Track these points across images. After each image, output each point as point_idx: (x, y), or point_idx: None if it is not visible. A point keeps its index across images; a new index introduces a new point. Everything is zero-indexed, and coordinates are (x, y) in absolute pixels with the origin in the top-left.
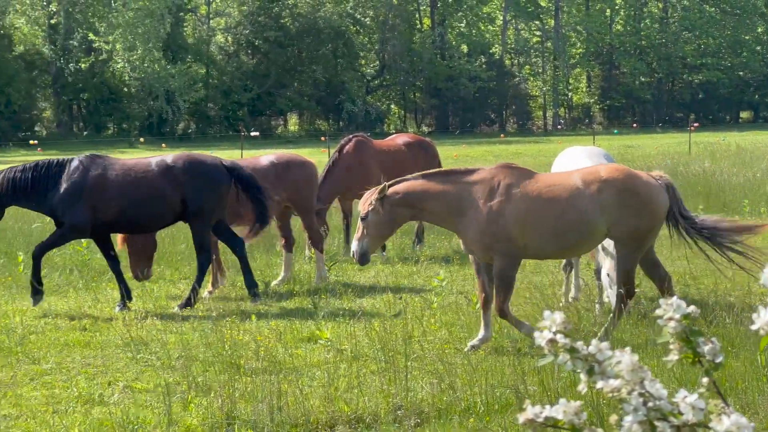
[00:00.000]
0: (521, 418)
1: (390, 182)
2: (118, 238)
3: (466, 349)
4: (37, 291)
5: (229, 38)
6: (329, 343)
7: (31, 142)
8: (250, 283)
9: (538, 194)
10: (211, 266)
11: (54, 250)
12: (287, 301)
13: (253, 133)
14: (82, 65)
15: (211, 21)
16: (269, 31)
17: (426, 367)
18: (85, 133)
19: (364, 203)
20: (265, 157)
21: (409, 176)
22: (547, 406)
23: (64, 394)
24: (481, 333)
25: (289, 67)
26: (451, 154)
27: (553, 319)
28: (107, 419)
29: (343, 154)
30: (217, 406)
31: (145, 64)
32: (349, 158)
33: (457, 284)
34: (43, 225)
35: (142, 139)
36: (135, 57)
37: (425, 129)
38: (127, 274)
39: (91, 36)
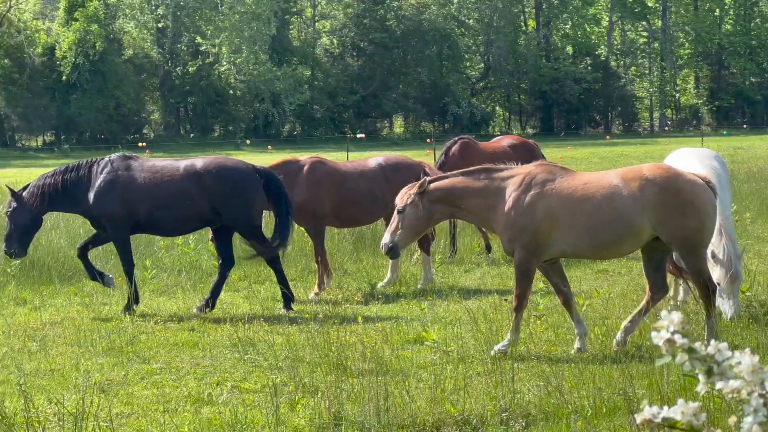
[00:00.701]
0: (638, 418)
1: (431, 179)
2: None
3: (572, 351)
4: (132, 306)
5: (335, 40)
6: (435, 344)
7: (140, 144)
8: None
9: (572, 190)
10: (317, 267)
11: (162, 252)
12: (394, 303)
13: (358, 135)
14: (189, 68)
15: (316, 23)
16: (374, 34)
17: (532, 369)
18: (191, 135)
19: (403, 196)
20: (373, 158)
21: (449, 173)
22: (665, 407)
23: (174, 393)
24: (577, 330)
25: (394, 70)
26: (556, 156)
27: (670, 320)
28: (216, 418)
29: (450, 156)
30: (324, 406)
31: (251, 67)
32: (456, 160)
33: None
34: None
35: (248, 141)
36: (241, 60)
37: (530, 131)
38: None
39: (198, 39)
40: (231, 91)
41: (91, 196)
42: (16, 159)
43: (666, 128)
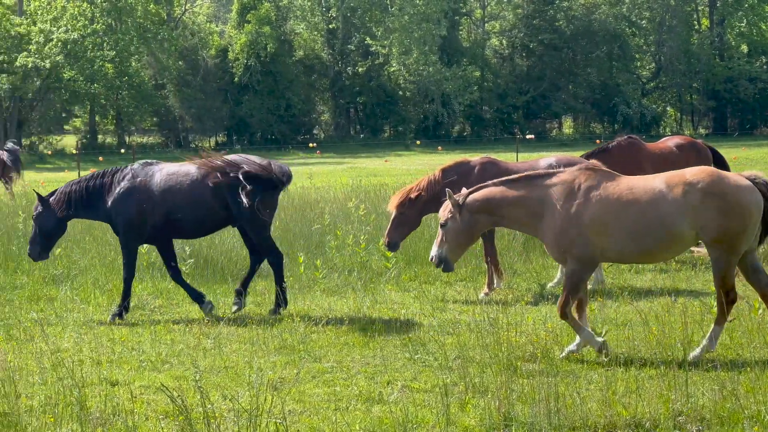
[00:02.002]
0: None
1: (470, 190)
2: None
3: (560, 355)
4: (119, 314)
5: (504, 41)
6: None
7: (310, 145)
8: (244, 289)
9: (617, 197)
10: (487, 267)
11: (333, 252)
12: None
13: (528, 136)
14: (359, 69)
15: (486, 24)
16: (544, 34)
17: (706, 372)
18: (361, 135)
19: (444, 210)
20: (544, 159)
21: (488, 182)
22: None
23: (345, 392)
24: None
25: (564, 70)
26: (730, 157)
27: None
28: (386, 417)
29: (611, 149)
30: (494, 407)
31: (421, 68)
32: (616, 153)
33: (739, 289)
34: (322, 227)
35: (418, 142)
36: (411, 60)
37: (702, 131)
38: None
39: (368, 40)
40: (401, 92)
41: (110, 202)
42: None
43: None
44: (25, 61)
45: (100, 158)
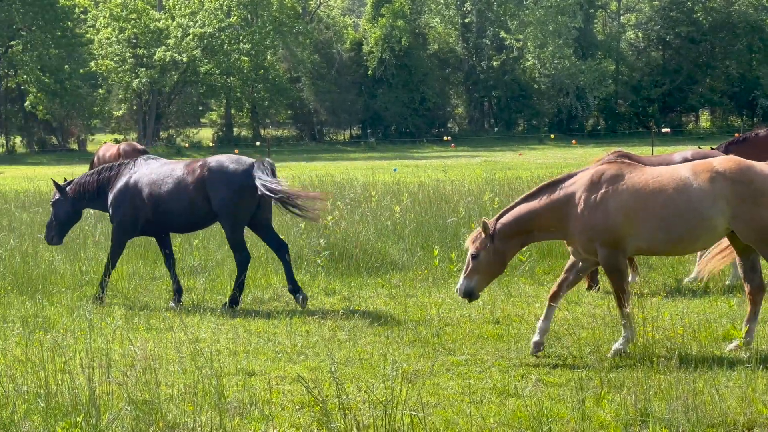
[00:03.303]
0: None
1: (495, 218)
2: None
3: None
4: (99, 298)
5: (639, 34)
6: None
7: (445, 138)
8: (293, 284)
9: (643, 185)
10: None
11: None
12: (700, 299)
13: (663, 130)
14: (494, 63)
15: (621, 17)
16: (681, 27)
17: None
18: (495, 129)
19: (474, 241)
20: (678, 153)
21: (509, 206)
22: None
23: (479, 385)
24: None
25: (701, 63)
26: None
27: None
28: (521, 411)
29: (753, 137)
30: (631, 402)
31: (556, 61)
32: (758, 140)
33: None
34: (457, 219)
35: (552, 136)
36: (545, 54)
37: None
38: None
39: (503, 34)
40: (535, 85)
41: (110, 195)
42: (324, 152)
43: None
44: (163, 55)
45: (236, 150)
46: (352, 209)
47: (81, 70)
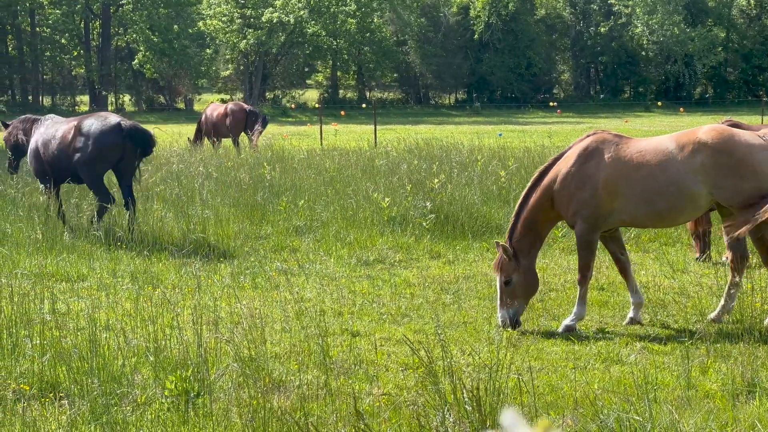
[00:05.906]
0: None
1: (507, 237)
2: None
3: (624, 322)
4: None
5: (752, 1)
6: None
7: (551, 104)
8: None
9: (628, 159)
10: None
11: None
12: None
13: None
14: (601, 29)
15: None
16: None
17: None
18: (601, 96)
19: (501, 269)
20: None
21: (513, 220)
22: None
23: (583, 351)
24: (633, 299)
25: None
26: None
27: None
28: (626, 378)
29: None
30: (738, 372)
31: (665, 28)
32: None
33: None
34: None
35: (659, 103)
36: (654, 21)
37: None
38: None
39: (612, 0)
40: (642, 52)
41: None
42: (429, 116)
43: None
44: (270, 16)
45: (342, 112)
46: (459, 173)
47: (189, 30)
